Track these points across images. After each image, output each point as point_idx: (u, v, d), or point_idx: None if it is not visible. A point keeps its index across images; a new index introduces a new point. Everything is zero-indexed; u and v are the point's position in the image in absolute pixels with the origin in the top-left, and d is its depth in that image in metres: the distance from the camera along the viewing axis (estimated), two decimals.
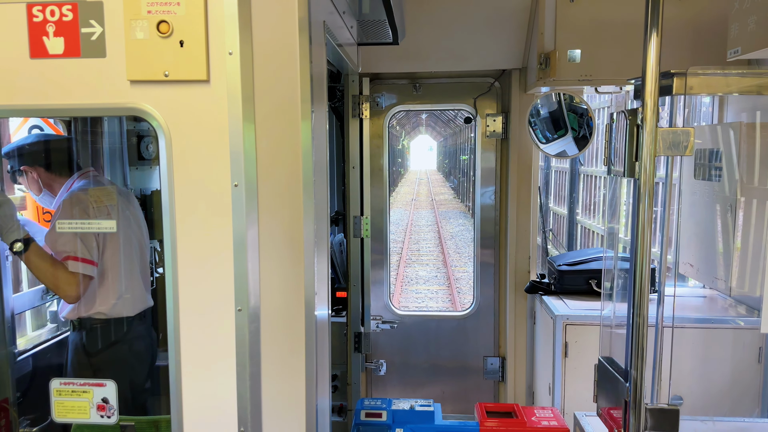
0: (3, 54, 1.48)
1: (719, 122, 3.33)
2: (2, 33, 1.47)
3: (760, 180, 2.64)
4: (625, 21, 3.00)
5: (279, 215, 1.57)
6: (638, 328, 1.72)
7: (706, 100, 3.57)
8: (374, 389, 3.89)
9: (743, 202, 2.57)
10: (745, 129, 2.66)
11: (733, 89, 1.75)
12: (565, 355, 3.07)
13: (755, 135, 2.64)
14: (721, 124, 3.17)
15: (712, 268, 3.28)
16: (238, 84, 1.45)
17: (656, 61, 1.64)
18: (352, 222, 3.27)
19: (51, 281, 2.37)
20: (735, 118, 3.25)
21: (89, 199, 2.44)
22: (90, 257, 2.39)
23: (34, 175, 2.59)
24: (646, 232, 1.67)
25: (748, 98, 3.02)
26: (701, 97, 3.50)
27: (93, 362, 2.57)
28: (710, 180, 3.25)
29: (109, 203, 2.53)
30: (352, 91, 3.22)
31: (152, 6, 1.43)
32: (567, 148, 3.42)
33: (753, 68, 2.81)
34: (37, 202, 2.71)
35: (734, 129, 2.71)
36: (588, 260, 3.42)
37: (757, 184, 2.66)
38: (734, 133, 2.74)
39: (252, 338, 1.51)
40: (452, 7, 3.22)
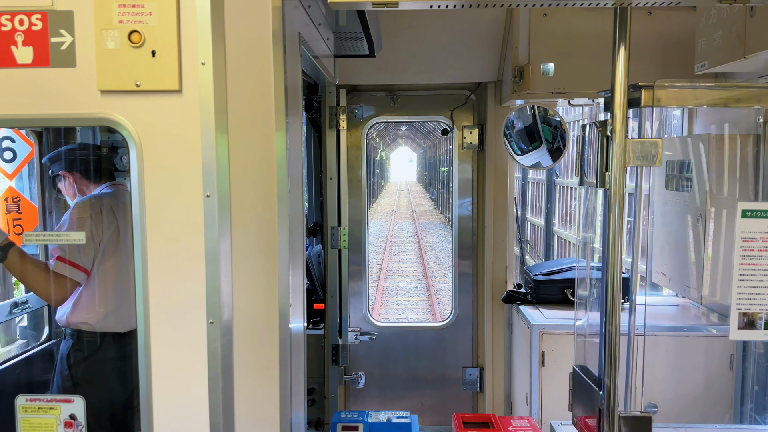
0: None
1: (689, 134, 3.42)
2: None
3: (729, 190, 2.71)
4: (596, 35, 3.06)
5: (253, 226, 1.56)
6: (611, 336, 1.74)
7: (677, 113, 3.66)
8: (353, 402, 3.86)
9: (713, 212, 2.63)
10: (714, 141, 2.73)
11: (699, 102, 1.80)
12: (542, 365, 3.09)
13: (723, 146, 2.71)
14: (690, 135, 3.25)
15: (684, 277, 3.35)
16: (211, 94, 1.45)
17: (624, 73, 1.68)
18: (329, 233, 3.26)
19: (34, 284, 2.37)
20: (704, 130, 3.33)
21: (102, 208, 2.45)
22: (80, 263, 2.38)
23: (70, 180, 2.61)
24: (617, 242, 1.70)
25: (716, 111, 3.10)
26: (672, 110, 3.58)
27: (74, 376, 2.53)
28: (681, 191, 3.32)
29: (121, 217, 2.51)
30: (329, 103, 3.23)
31: (124, 16, 1.42)
32: (541, 159, 3.46)
33: (719, 81, 2.89)
34: None
35: (703, 141, 2.78)
36: (563, 270, 3.45)
37: (726, 195, 2.73)
38: (703, 144, 2.81)
39: (224, 351, 1.49)
40: (429, 20, 3.26)
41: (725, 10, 2.34)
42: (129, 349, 2.61)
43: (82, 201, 2.48)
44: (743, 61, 2.22)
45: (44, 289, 2.37)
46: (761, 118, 2.70)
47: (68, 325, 2.51)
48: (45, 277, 2.34)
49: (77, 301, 2.45)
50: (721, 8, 2.38)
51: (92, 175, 2.65)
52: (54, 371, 2.59)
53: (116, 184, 2.67)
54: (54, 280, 2.34)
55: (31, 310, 3.04)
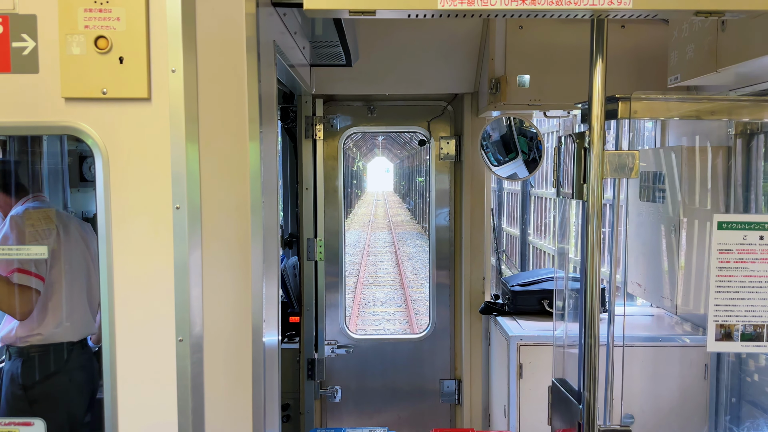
0: None
1: (661, 146, 3.46)
2: None
3: (700, 201, 2.75)
4: (571, 47, 3.08)
5: (225, 239, 1.51)
6: (590, 349, 1.73)
7: (649, 125, 3.71)
8: (329, 417, 3.78)
9: (686, 222, 2.66)
10: (686, 152, 2.77)
11: (674, 114, 1.81)
12: (520, 376, 3.07)
13: (696, 158, 2.75)
14: (663, 147, 3.29)
15: (658, 287, 3.37)
16: (181, 103, 1.40)
17: (602, 85, 1.68)
18: (305, 244, 3.21)
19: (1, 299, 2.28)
20: (676, 142, 3.38)
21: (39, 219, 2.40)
22: (36, 271, 2.31)
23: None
24: (595, 253, 1.69)
25: (688, 123, 3.15)
26: (644, 122, 3.64)
27: (30, 395, 2.42)
28: (654, 202, 3.36)
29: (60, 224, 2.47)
30: (305, 112, 3.19)
31: (90, 21, 1.36)
32: (518, 170, 3.47)
33: (692, 94, 2.94)
34: None
35: (676, 152, 2.82)
36: (540, 280, 3.45)
37: (698, 205, 2.76)
38: (676, 156, 2.84)
39: (194, 370, 1.43)
40: (406, 31, 3.25)
41: (697, 24, 2.38)
42: (85, 358, 2.53)
43: (18, 214, 2.39)
44: (715, 75, 2.25)
45: (10, 303, 2.29)
46: (732, 130, 2.75)
47: (14, 343, 2.41)
48: (9, 291, 2.26)
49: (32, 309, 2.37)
50: (693, 22, 2.42)
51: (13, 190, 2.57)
52: (1, 394, 2.47)
53: (39, 197, 2.61)
54: (18, 293, 2.26)
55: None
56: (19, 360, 2.42)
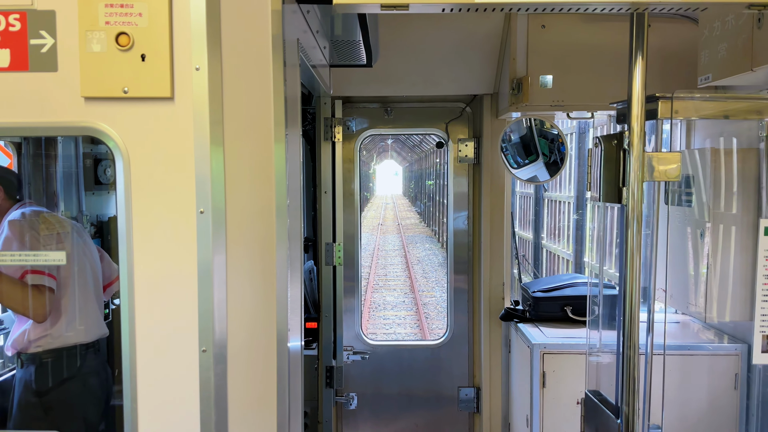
0: None
1: (687, 148, 3.37)
2: None
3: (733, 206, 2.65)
4: (596, 47, 3.01)
5: (249, 244, 1.44)
6: (629, 359, 1.65)
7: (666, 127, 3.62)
8: (345, 425, 3.71)
9: (721, 228, 2.56)
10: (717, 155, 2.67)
11: (716, 113, 1.73)
12: (543, 386, 2.98)
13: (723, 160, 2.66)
14: (691, 149, 3.19)
15: (684, 293, 3.28)
16: (206, 102, 1.33)
17: (642, 84, 1.60)
18: (323, 249, 3.14)
19: (16, 302, 2.26)
20: (702, 144, 3.29)
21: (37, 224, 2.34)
22: (46, 270, 2.27)
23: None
24: (635, 259, 1.62)
25: (716, 124, 3.05)
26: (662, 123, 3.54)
27: (44, 402, 2.37)
28: (680, 205, 3.26)
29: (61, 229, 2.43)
30: (324, 114, 3.13)
31: (111, 17, 1.30)
32: (538, 173, 3.39)
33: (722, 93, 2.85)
34: None
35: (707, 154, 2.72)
36: (562, 286, 3.36)
37: (727, 209, 2.66)
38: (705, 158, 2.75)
39: (218, 382, 1.37)
40: (425, 31, 3.18)
41: (730, 21, 2.29)
42: (98, 363, 2.49)
43: (16, 218, 2.35)
44: (750, 74, 2.16)
45: (25, 305, 2.25)
46: (763, 132, 2.65)
47: (27, 348, 2.37)
48: (25, 293, 2.23)
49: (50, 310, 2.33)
50: (726, 20, 2.33)
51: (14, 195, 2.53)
52: (14, 403, 2.42)
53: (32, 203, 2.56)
54: (34, 294, 2.23)
55: (5, 331, 2.88)
56: (32, 366, 2.38)
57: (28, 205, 2.50)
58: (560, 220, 8.39)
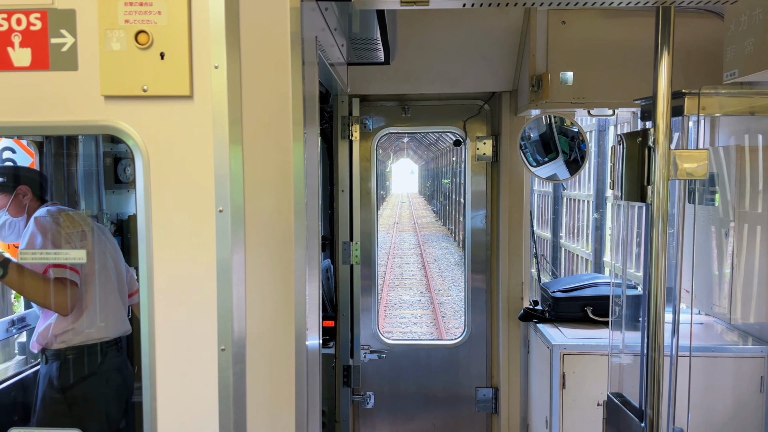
0: None
1: (711, 145, 3.30)
2: None
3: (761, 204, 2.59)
4: (618, 42, 2.96)
5: (268, 243, 1.43)
6: (653, 361, 1.61)
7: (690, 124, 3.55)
8: (362, 424, 3.70)
9: (746, 227, 2.50)
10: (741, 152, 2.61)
11: (745, 110, 1.68)
12: (563, 387, 2.94)
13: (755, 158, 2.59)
14: (718, 146, 3.12)
15: (708, 294, 3.21)
16: (225, 101, 1.33)
17: (668, 80, 1.56)
18: (341, 248, 3.13)
19: (40, 295, 2.28)
20: (726, 142, 3.22)
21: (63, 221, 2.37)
22: (72, 264, 2.30)
23: (25, 199, 2.49)
24: (661, 259, 1.58)
25: (741, 121, 2.98)
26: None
27: (67, 398, 2.40)
28: (704, 204, 3.19)
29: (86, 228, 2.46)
30: (341, 112, 3.12)
31: (130, 15, 1.30)
32: (558, 171, 3.35)
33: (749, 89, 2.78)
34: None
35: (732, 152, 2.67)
36: (583, 286, 3.32)
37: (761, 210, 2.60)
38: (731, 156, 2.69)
39: (236, 382, 1.36)
40: (443, 28, 3.16)
41: (758, 16, 2.23)
42: (120, 360, 2.51)
43: (42, 215, 2.38)
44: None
45: (53, 296, 2.27)
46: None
47: (51, 344, 2.39)
48: (50, 287, 2.25)
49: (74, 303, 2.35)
50: (753, 14, 2.27)
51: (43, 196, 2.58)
52: (38, 398, 2.45)
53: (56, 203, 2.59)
54: (56, 288, 2.25)
55: (29, 328, 2.91)
56: (56, 362, 2.40)
57: (55, 205, 2.53)
58: (579, 218, 8.29)
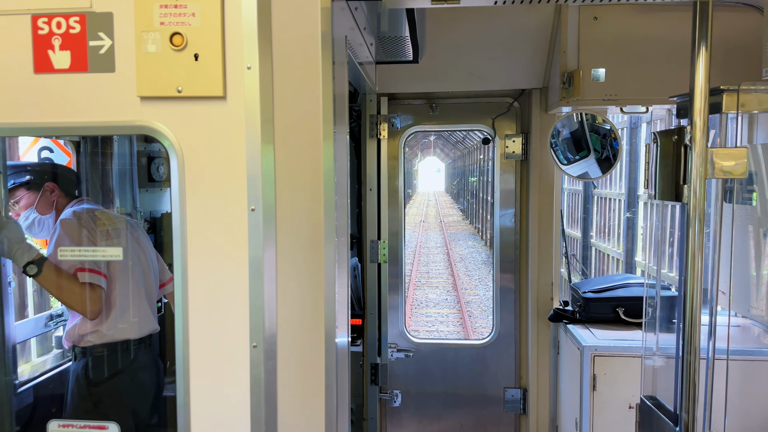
0: (6, 69, 1.38)
1: (749, 142, 3.20)
2: (5, 46, 1.38)
3: None
4: (652, 38, 2.90)
5: (298, 241, 1.45)
6: (689, 364, 1.57)
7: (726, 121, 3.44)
8: (389, 422, 3.71)
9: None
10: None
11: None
12: (593, 388, 2.90)
13: None
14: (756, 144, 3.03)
15: (746, 295, 3.12)
16: (257, 101, 1.34)
17: (706, 77, 1.52)
18: (368, 246, 3.14)
19: (68, 297, 2.29)
20: (764, 140, 3.12)
21: (90, 221, 2.37)
22: (98, 268, 2.31)
23: (53, 195, 2.52)
24: (697, 260, 1.54)
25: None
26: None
27: (95, 393, 2.43)
28: (742, 203, 3.10)
29: (111, 227, 2.45)
30: (369, 111, 3.12)
31: (165, 17, 1.33)
32: (589, 169, 3.29)
33: None
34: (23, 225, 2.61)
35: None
36: (614, 287, 3.26)
37: None
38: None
39: (268, 378, 1.38)
40: (472, 25, 3.13)
41: None
42: (148, 358, 2.53)
43: (69, 216, 2.40)
44: None
45: (80, 301, 2.29)
46: None
47: (78, 342, 2.42)
48: (80, 290, 2.26)
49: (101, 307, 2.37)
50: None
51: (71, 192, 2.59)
52: (68, 393, 2.49)
53: (88, 201, 2.61)
54: (84, 292, 2.26)
55: (65, 322, 2.99)
56: (84, 360, 2.43)
57: (84, 202, 2.57)
58: (610, 217, 8.14)
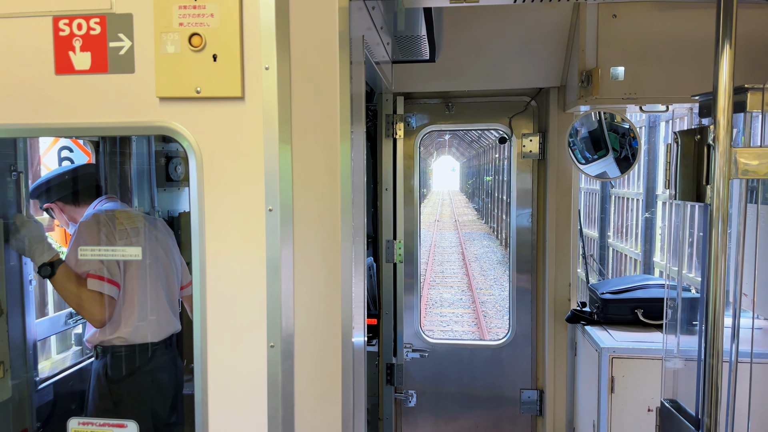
0: (27, 70, 1.40)
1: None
2: (28, 48, 1.39)
3: None
4: (672, 37, 2.85)
5: (315, 241, 1.45)
6: (712, 368, 1.54)
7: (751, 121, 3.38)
8: (404, 422, 3.70)
9: None
10: None
11: None
12: (612, 391, 2.86)
13: None
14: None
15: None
16: (275, 102, 1.34)
17: (730, 75, 1.49)
18: (384, 246, 3.13)
19: (76, 303, 2.27)
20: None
21: (109, 221, 2.35)
22: (111, 277, 2.29)
23: (58, 211, 2.55)
24: (720, 261, 1.51)
25: None
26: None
27: (116, 392, 2.45)
28: (765, 204, 3.04)
29: (129, 225, 2.42)
30: (385, 111, 3.12)
31: (184, 18, 1.33)
32: (608, 169, 3.25)
33: None
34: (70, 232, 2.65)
35: None
36: (633, 288, 3.22)
37: None
38: None
39: (285, 378, 1.38)
40: (488, 24, 3.11)
41: None
42: (167, 359, 2.52)
43: (87, 218, 2.37)
44: None
45: (88, 308, 2.26)
46: None
47: (100, 343, 2.41)
48: (88, 298, 2.24)
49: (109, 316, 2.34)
50: None
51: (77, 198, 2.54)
52: (90, 392, 2.50)
53: (111, 198, 2.57)
54: (94, 299, 2.24)
55: (84, 320, 3.03)
56: (104, 359, 2.42)
57: (107, 200, 2.57)
58: (628, 217, 8.05)
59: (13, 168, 2.28)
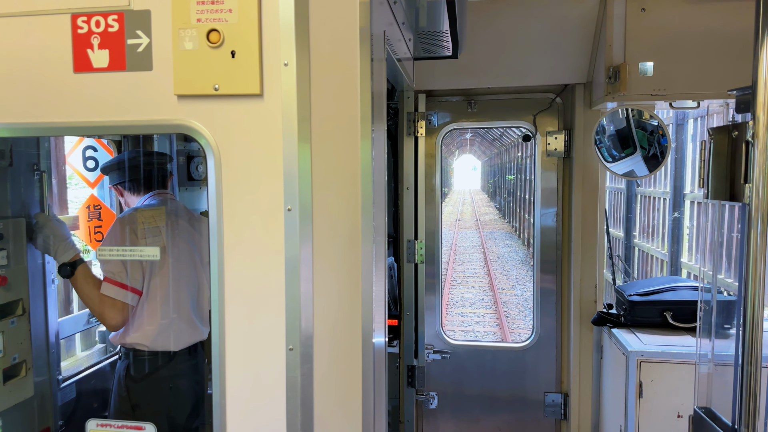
0: (46, 68, 1.39)
1: None
2: (47, 46, 1.39)
3: None
4: (703, 31, 2.76)
5: (335, 241, 1.41)
6: (750, 375, 1.47)
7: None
8: (425, 424, 3.66)
9: None
10: None
11: None
12: (640, 396, 2.78)
13: None
14: None
15: None
16: (294, 99, 1.31)
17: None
18: (405, 246, 3.09)
19: (92, 306, 2.25)
20: None
21: (140, 219, 2.30)
22: (131, 282, 2.25)
23: (117, 195, 2.54)
24: (760, 263, 1.44)
25: None
26: None
27: (134, 394, 2.41)
28: None
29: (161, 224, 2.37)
30: (407, 108, 3.07)
31: (202, 14, 1.31)
32: (635, 167, 3.16)
33: None
34: None
35: None
36: (662, 290, 3.12)
37: None
38: None
39: (304, 381, 1.35)
40: (513, 19, 3.05)
41: None
42: (190, 365, 2.47)
43: (122, 217, 2.34)
44: None
45: (101, 312, 2.23)
46: None
47: (123, 345, 2.38)
48: (101, 302, 2.22)
49: (131, 321, 2.32)
50: None
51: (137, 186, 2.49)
52: (112, 392, 2.49)
53: (161, 194, 2.50)
54: (108, 304, 2.21)
55: None
56: (126, 361, 2.41)
57: (153, 197, 2.48)
58: (654, 217, 7.87)
59: (36, 167, 2.29)
